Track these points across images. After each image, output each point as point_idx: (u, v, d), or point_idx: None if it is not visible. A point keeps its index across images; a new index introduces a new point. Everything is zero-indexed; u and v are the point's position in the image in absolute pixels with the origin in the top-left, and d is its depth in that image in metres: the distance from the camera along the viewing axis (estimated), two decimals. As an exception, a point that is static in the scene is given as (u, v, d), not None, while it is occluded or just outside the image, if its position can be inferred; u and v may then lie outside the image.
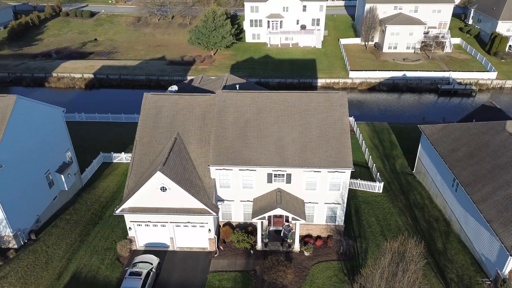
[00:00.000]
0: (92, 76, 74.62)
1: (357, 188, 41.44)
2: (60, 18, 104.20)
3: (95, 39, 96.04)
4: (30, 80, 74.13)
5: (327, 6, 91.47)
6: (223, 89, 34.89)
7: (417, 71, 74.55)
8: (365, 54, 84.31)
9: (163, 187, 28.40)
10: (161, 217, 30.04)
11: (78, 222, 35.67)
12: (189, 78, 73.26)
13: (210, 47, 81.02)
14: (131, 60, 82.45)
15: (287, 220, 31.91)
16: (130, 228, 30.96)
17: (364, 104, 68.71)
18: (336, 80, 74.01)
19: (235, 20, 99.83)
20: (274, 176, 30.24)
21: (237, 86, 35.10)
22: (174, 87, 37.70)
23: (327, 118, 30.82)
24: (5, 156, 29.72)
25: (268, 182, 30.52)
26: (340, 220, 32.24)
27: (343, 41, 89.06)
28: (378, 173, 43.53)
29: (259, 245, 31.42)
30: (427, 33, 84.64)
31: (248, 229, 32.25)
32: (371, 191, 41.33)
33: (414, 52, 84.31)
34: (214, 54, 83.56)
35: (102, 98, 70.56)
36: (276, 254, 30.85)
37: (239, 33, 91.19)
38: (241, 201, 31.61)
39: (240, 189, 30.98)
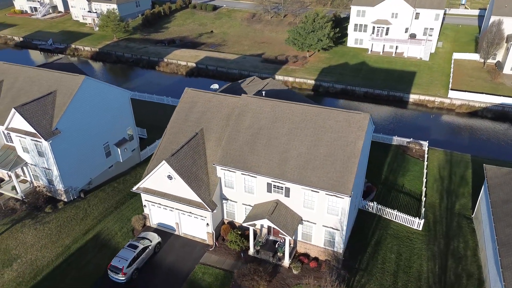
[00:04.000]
0: (194, 65, 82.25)
1: (392, 219, 38.00)
2: (188, 10, 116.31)
3: (211, 31, 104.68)
4: (146, 63, 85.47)
5: (454, 14, 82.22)
6: (257, 93, 35.70)
7: (540, 101, 62.35)
8: (479, 73, 73.69)
9: (169, 175, 31.11)
10: (169, 202, 32.91)
11: (121, 191, 41.17)
12: (276, 77, 75.23)
13: (305, 48, 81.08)
14: (232, 54, 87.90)
15: (285, 233, 31.56)
16: (145, 206, 34.71)
17: (453, 130, 60.89)
18: (431, 98, 66.85)
19: (344, 23, 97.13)
20: (274, 187, 30.22)
21: (263, 92, 35.48)
22: (215, 85, 39.93)
23: (340, 139, 29.25)
24: (65, 125, 36.21)
25: (267, 192, 30.66)
26: (339, 247, 30.46)
27: (457, 55, 79.22)
28: (426, 209, 39.08)
29: (251, 251, 31.91)
30: None
31: (246, 233, 32.93)
32: (408, 225, 37.48)
33: (545, 77, 70.30)
34: (309, 56, 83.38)
35: (193, 85, 77.34)
36: (265, 264, 31.00)
37: (340, 37, 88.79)
38: (243, 204, 32.43)
39: (242, 192, 31.82)
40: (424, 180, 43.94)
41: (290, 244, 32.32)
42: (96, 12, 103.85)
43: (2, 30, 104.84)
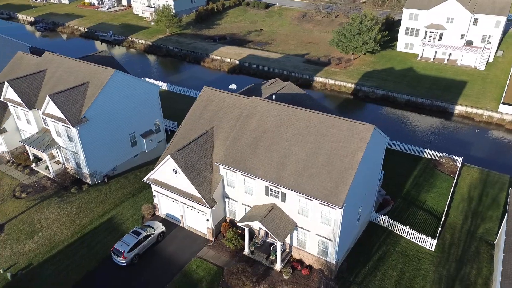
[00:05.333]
0: (237, 62, 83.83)
1: (403, 236, 36.46)
2: (241, 7, 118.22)
3: (261, 29, 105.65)
4: (192, 58, 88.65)
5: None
6: (269, 96, 35.92)
7: None
8: (540, 87, 67.03)
9: (174, 169, 32.56)
10: (174, 195, 34.42)
11: (142, 180, 43.56)
12: (316, 79, 74.48)
13: (349, 51, 79.08)
14: (276, 53, 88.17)
15: (281, 238, 31.67)
16: (154, 196, 36.60)
17: (497, 147, 56.31)
18: (479, 111, 62.24)
19: (396, 26, 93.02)
20: (271, 191, 30.43)
21: (274, 96, 35.54)
22: (233, 86, 40.63)
23: (340, 149, 28.70)
24: (93, 114, 39.13)
25: (265, 195, 30.95)
26: (332, 257, 29.96)
27: (517, 66, 72.70)
28: (444, 229, 36.97)
29: (246, 251, 32.44)
30: None
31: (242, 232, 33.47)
32: (420, 244, 35.80)
33: None
34: (354, 59, 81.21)
35: (233, 82, 78.92)
36: (258, 265, 31.42)
37: (390, 40, 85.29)
38: (242, 204, 33.01)
39: (242, 192, 32.41)
40: (449, 198, 41.39)
41: (286, 249, 32.42)
42: (154, 7, 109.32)
43: (70, 20, 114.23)
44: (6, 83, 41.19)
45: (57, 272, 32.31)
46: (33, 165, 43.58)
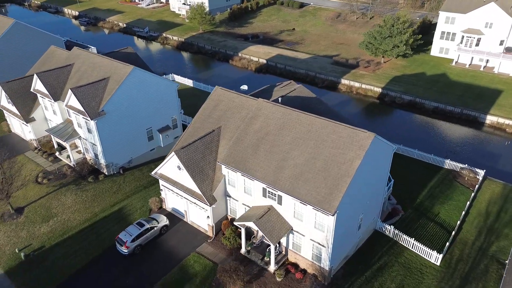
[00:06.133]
0: (264, 61, 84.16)
1: (408, 247, 35.52)
2: (275, 6, 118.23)
3: (293, 29, 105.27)
4: (222, 56, 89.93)
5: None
6: (276, 99, 36.06)
7: None
8: None
9: (178, 166, 33.58)
10: (179, 190, 35.47)
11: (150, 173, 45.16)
12: (342, 81, 73.39)
13: (379, 54, 77.14)
14: (305, 53, 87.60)
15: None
16: (161, 190, 37.86)
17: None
18: (512, 123, 58.95)
19: (433, 29, 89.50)
20: (268, 193, 30.69)
21: (280, 99, 35.56)
22: (245, 87, 41.01)
23: (338, 155, 28.44)
24: (111, 108, 40.99)
25: (263, 196, 31.25)
26: (325, 263, 29.79)
27: (561, 76, 67.96)
28: (454, 244, 35.66)
29: (242, 250, 32.91)
30: None
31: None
32: (425, 257, 34.74)
33: None
34: (384, 62, 79.15)
35: (258, 82, 79.27)
36: (253, 265, 31.82)
37: (424, 44, 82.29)
38: (242, 204, 33.48)
39: (242, 192, 32.88)
40: (463, 212, 39.71)
41: (282, 251, 32.58)
42: (189, 4, 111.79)
43: (111, 16, 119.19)
44: (35, 75, 44.01)
45: (66, 255, 34.34)
46: (56, 153, 46.32)
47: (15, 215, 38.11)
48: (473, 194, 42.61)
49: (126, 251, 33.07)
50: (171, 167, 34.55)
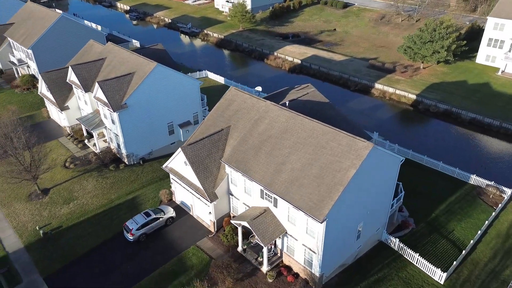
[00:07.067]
0: (299, 62, 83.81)
1: (413, 262, 34.49)
2: (318, 5, 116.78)
3: (334, 29, 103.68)
4: (257, 54, 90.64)
5: None
6: (285, 102, 36.19)
7: None
8: None
9: (185, 161, 34.89)
10: (185, 185, 36.80)
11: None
12: (376, 85, 71.52)
13: (417, 59, 74.07)
14: (341, 55, 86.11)
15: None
16: (172, 183, 39.45)
17: None
18: (556, 140, 54.43)
19: (482, 35, 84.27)
20: (265, 195, 31.11)
21: (287, 103, 35.56)
22: (259, 88, 41.41)
23: (335, 163, 28.23)
24: (133, 101, 43.21)
25: (260, 197, 31.71)
26: (316, 270, 29.73)
27: None
28: (463, 263, 34.12)
29: (239, 248, 33.62)
30: None
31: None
32: (429, 274, 33.59)
33: None
34: (423, 68, 75.91)
35: (290, 82, 79.10)
36: (247, 264, 32.45)
37: (469, 51, 77.78)
38: (243, 203, 34.14)
39: (242, 192, 33.55)
40: (479, 231, 37.64)
41: (277, 253, 32.90)
42: (232, 1, 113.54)
43: (158, 11, 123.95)
44: (69, 67, 47.38)
45: (80, 236, 36.95)
46: (85, 141, 49.60)
47: (41, 195, 41.48)
48: (494, 213, 40.21)
49: (131, 238, 35.00)
50: (179, 162, 35.97)
